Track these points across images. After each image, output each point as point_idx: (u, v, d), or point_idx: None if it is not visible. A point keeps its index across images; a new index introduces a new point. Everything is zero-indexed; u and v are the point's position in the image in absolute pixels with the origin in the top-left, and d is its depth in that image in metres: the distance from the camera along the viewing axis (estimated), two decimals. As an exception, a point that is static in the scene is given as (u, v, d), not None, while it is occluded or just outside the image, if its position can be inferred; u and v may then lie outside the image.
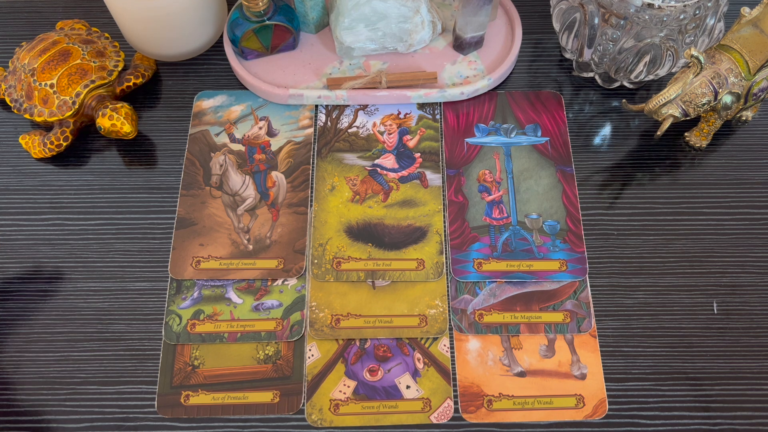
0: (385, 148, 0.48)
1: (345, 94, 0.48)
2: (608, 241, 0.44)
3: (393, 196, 0.46)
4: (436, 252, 0.44)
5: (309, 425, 0.39)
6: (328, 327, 0.41)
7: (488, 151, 0.47)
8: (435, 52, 0.50)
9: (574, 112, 0.49)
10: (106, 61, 0.47)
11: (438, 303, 0.42)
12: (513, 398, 0.39)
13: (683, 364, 0.40)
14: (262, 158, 0.47)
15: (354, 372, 0.40)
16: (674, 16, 0.41)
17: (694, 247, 0.44)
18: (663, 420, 0.39)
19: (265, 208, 0.45)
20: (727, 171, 0.47)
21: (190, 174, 0.46)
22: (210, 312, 0.42)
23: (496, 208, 0.45)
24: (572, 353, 0.41)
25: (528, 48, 0.52)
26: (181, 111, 0.49)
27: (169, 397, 0.39)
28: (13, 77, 0.47)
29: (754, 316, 0.42)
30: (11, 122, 0.49)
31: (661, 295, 0.43)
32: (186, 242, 0.44)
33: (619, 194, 0.46)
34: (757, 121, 0.49)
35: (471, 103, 0.49)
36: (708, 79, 0.42)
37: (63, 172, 0.47)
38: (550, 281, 0.43)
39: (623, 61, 0.45)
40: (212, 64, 0.51)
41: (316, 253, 0.43)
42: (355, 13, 0.46)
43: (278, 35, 0.48)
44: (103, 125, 0.44)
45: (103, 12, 0.52)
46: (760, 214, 0.45)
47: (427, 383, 0.40)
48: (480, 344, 0.41)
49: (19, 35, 0.52)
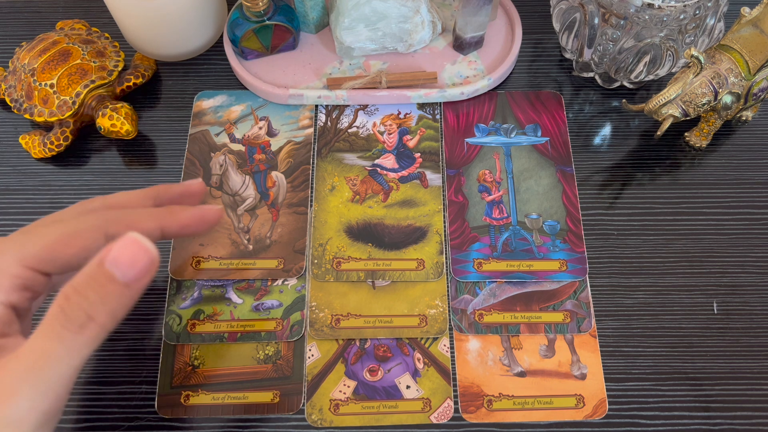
0: (385, 148, 0.48)
1: (345, 94, 0.48)
2: (608, 241, 0.44)
3: (393, 196, 0.46)
4: (436, 252, 0.44)
5: (309, 425, 0.39)
6: (328, 327, 0.41)
7: (488, 151, 0.47)
8: (435, 52, 0.50)
9: (574, 112, 0.49)
10: (106, 61, 0.47)
11: (438, 303, 0.42)
12: (513, 398, 0.39)
13: (683, 364, 0.40)
14: (262, 158, 0.47)
15: (354, 372, 0.40)
16: (674, 16, 0.41)
17: (694, 247, 0.44)
18: (663, 420, 0.39)
19: (265, 208, 0.45)
20: (727, 171, 0.47)
21: (190, 174, 0.46)
22: (210, 312, 0.42)
23: (496, 208, 0.45)
24: (572, 353, 0.41)
25: (528, 48, 0.52)
26: (181, 111, 0.49)
27: (169, 397, 0.39)
28: (13, 77, 0.47)
29: (754, 316, 0.42)
30: (11, 122, 0.49)
31: (661, 295, 0.43)
32: (186, 242, 0.44)
33: (619, 194, 0.46)
34: (757, 121, 0.49)
35: (471, 103, 0.49)
36: (708, 79, 0.42)
37: (63, 172, 0.47)
38: (550, 281, 0.43)
39: (623, 61, 0.45)
40: (212, 64, 0.51)
41: (316, 253, 0.43)
42: (355, 13, 0.46)
43: (278, 35, 0.48)
44: (103, 125, 0.45)
45: (103, 12, 0.52)
46: (760, 214, 0.45)
47: (427, 383, 0.40)
48: (480, 344, 0.41)
49: (19, 35, 0.52)
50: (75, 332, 0.25)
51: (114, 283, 0.26)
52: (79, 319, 0.25)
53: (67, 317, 0.25)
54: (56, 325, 0.25)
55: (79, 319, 0.25)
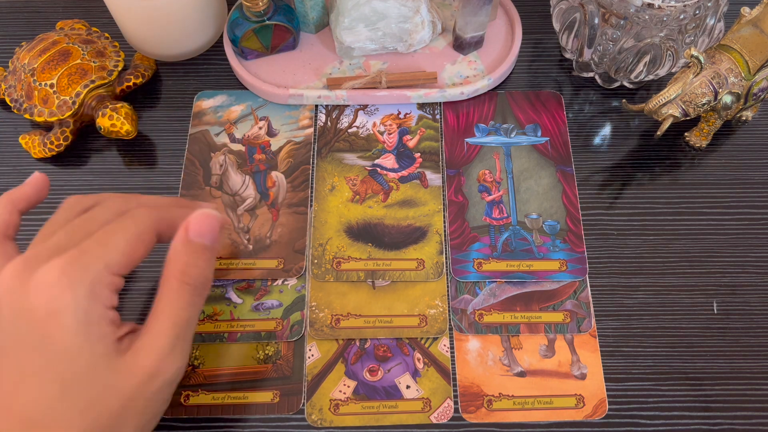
0: (385, 148, 0.48)
1: (345, 94, 0.48)
2: (608, 241, 0.44)
3: (393, 196, 0.46)
4: (436, 252, 0.44)
5: (309, 425, 0.39)
6: (328, 327, 0.41)
7: (488, 151, 0.47)
8: (435, 52, 0.50)
9: (574, 112, 0.49)
10: (106, 61, 0.47)
11: (438, 303, 0.42)
12: (513, 398, 0.39)
13: (683, 364, 0.40)
14: (262, 158, 0.47)
15: (354, 372, 0.40)
16: (674, 16, 0.41)
17: (694, 247, 0.44)
18: (663, 420, 0.39)
19: (265, 208, 0.45)
20: (727, 171, 0.47)
21: (190, 174, 0.46)
22: (210, 312, 0.42)
23: (496, 208, 0.45)
24: (572, 353, 0.41)
25: (528, 48, 0.52)
26: (181, 111, 0.49)
27: (169, 397, 0.39)
28: (13, 77, 0.47)
29: (754, 316, 0.42)
30: (11, 122, 0.49)
31: (661, 295, 0.43)
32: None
33: (619, 194, 0.46)
34: (757, 121, 0.49)
35: (471, 103, 0.49)
36: (708, 79, 0.42)
37: (63, 172, 0.47)
38: (550, 281, 0.43)
39: (623, 61, 0.45)
40: (212, 64, 0.51)
41: (316, 253, 0.43)
42: (355, 13, 0.46)
43: (278, 35, 0.48)
44: (103, 125, 0.45)
45: (103, 12, 0.52)
46: (760, 214, 0.45)
47: (427, 383, 0.40)
48: (480, 344, 0.41)
49: (19, 35, 0.52)
50: (201, 296, 0.33)
51: (206, 249, 0.33)
52: (202, 285, 0.33)
53: (193, 288, 0.33)
54: (186, 295, 0.32)
55: (202, 284, 0.33)
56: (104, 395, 0.30)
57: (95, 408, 0.30)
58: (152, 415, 0.33)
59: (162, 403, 0.33)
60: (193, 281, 0.33)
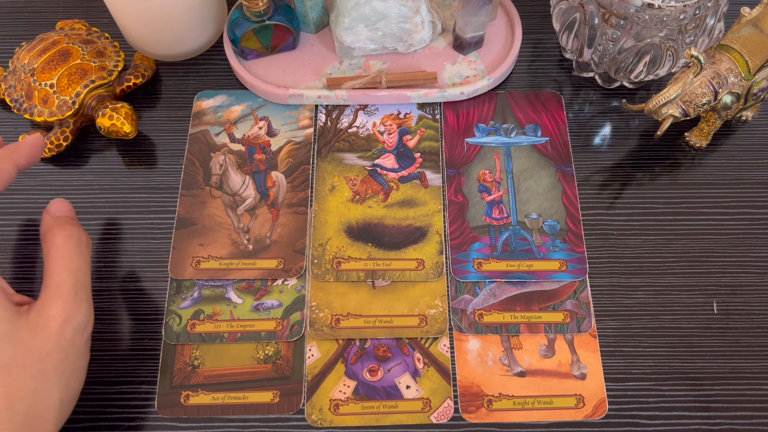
0: (385, 148, 0.48)
1: (345, 94, 0.48)
2: (608, 241, 0.44)
3: (393, 196, 0.46)
4: (436, 252, 0.44)
5: (309, 425, 0.39)
6: (328, 327, 0.41)
7: (488, 151, 0.47)
8: (435, 52, 0.50)
9: (574, 112, 0.49)
10: (106, 61, 0.47)
11: (438, 303, 0.42)
12: (513, 398, 0.39)
13: (683, 364, 0.40)
14: (262, 158, 0.47)
15: (354, 372, 0.40)
16: (674, 16, 0.41)
17: (694, 247, 0.44)
18: (663, 420, 0.39)
19: (265, 208, 0.45)
20: (727, 171, 0.47)
21: (190, 174, 0.46)
22: (210, 312, 0.42)
23: (496, 208, 0.45)
24: (572, 353, 0.41)
25: (528, 48, 0.52)
26: (181, 111, 0.49)
27: (169, 397, 0.39)
28: (13, 77, 0.47)
29: (754, 316, 0.42)
30: (11, 122, 0.49)
31: (661, 295, 0.43)
32: (186, 242, 0.44)
33: (619, 194, 0.46)
34: (757, 121, 0.49)
35: (471, 103, 0.49)
36: (708, 79, 0.42)
37: (63, 172, 0.47)
38: (550, 281, 0.43)
39: (623, 61, 0.45)
40: (212, 64, 0.51)
41: (316, 253, 0.43)
42: (355, 13, 0.46)
43: (278, 35, 0.48)
44: (103, 125, 0.45)
45: (103, 12, 0.52)
46: (760, 214, 0.45)
47: (427, 383, 0.40)
48: (480, 344, 0.41)
49: (19, 35, 0.52)
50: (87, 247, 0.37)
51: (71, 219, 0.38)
52: (83, 240, 0.37)
53: (77, 239, 0.36)
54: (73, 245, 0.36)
55: (82, 239, 0.37)
56: (19, 358, 0.31)
57: (15, 373, 0.31)
58: (73, 369, 0.34)
59: (80, 355, 0.34)
60: (76, 234, 0.36)
